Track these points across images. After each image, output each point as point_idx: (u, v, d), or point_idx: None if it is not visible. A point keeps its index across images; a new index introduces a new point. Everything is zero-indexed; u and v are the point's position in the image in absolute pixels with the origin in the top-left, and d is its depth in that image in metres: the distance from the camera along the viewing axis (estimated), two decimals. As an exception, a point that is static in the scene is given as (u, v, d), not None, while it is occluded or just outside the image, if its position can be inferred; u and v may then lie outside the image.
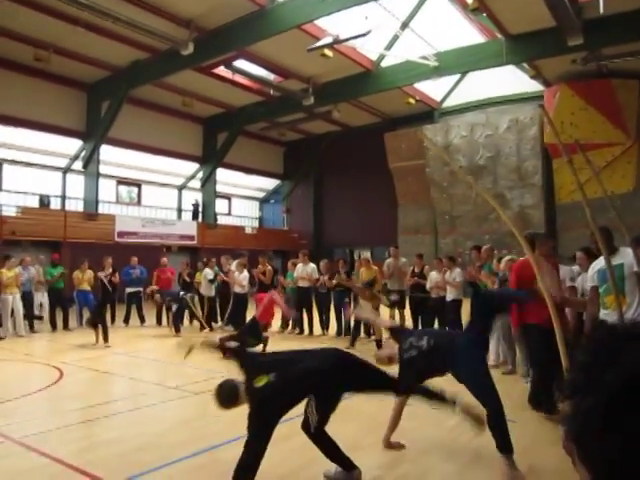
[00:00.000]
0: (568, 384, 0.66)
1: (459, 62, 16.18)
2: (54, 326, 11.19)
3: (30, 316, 11.16)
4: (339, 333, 10.40)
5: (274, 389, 3.14)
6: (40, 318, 11.96)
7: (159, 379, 6.90)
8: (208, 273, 11.80)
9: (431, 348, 3.86)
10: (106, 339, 9.22)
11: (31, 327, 11.05)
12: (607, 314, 4.47)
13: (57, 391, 6.14)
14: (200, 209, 22.46)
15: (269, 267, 11.31)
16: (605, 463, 0.57)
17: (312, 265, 11.03)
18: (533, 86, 18.20)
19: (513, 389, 6.19)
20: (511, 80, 18.35)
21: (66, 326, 11.28)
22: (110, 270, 11.91)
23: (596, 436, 0.57)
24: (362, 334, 10.09)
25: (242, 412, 5.16)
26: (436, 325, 9.37)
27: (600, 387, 0.58)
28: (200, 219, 22.15)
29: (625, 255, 4.47)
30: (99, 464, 3.80)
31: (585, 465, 0.61)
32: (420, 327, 9.54)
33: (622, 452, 0.55)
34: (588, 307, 4.84)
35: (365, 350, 8.65)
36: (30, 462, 3.87)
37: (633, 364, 0.58)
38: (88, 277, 11.53)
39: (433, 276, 9.28)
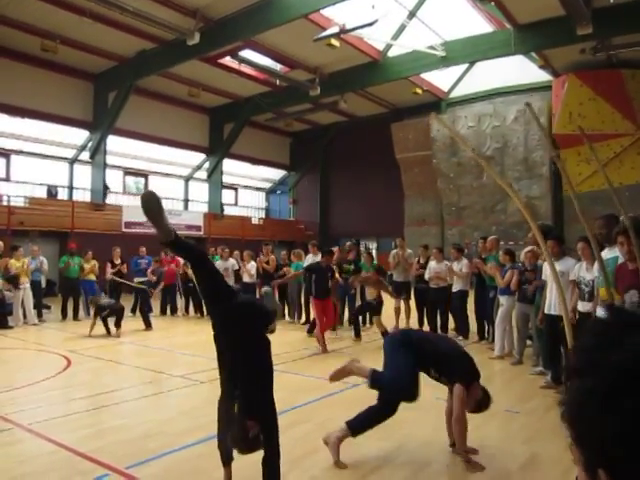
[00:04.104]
0: (568, 366, 0.66)
1: (467, 52, 16.06)
2: (64, 315, 11.30)
3: (39, 305, 11.28)
4: (349, 322, 10.41)
5: None
6: (48, 307, 12.09)
7: (165, 368, 6.96)
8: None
9: None
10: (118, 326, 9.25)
11: (39, 316, 11.16)
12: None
13: (65, 379, 6.22)
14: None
15: (272, 256, 11.50)
16: (599, 444, 0.58)
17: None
18: (541, 76, 18.05)
19: (517, 380, 6.21)
20: (519, 70, 18.21)
21: (76, 316, 11.39)
22: (119, 261, 11.92)
23: (592, 418, 0.58)
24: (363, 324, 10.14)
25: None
26: (438, 316, 9.28)
27: (602, 369, 0.59)
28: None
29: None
30: (104, 451, 3.85)
31: (578, 446, 0.62)
32: (425, 317, 9.52)
33: (617, 434, 0.56)
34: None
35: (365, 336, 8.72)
36: (38, 448, 3.94)
37: (637, 348, 0.58)
38: (92, 267, 11.63)
39: (432, 265, 9.10)
